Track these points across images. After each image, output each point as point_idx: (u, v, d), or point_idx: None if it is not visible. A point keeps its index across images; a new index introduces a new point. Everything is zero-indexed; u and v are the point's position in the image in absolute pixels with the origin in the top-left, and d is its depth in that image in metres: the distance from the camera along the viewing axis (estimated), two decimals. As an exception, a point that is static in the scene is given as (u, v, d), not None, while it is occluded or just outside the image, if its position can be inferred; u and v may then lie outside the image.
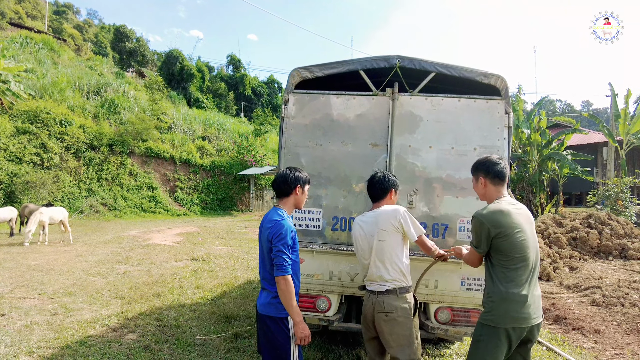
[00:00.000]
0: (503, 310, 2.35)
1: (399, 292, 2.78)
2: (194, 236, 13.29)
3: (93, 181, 19.66)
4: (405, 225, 2.78)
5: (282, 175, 2.73)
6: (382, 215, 2.84)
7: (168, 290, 6.37)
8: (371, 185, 3.00)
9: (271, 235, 2.52)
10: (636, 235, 10.47)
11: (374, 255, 2.83)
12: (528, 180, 17.08)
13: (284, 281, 2.46)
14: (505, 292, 2.36)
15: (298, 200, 2.78)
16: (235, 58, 46.80)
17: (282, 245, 2.49)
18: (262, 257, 2.64)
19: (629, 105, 17.16)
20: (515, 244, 2.37)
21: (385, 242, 2.79)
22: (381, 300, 2.77)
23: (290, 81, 3.77)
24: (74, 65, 27.26)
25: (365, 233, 2.88)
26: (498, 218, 2.39)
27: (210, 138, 28.00)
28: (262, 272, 2.64)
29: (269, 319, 2.57)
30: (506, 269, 2.39)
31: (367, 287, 2.92)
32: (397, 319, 2.73)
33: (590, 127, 32.31)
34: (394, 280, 2.79)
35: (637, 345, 4.71)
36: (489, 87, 3.67)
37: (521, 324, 2.34)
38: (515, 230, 2.37)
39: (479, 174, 2.66)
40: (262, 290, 2.68)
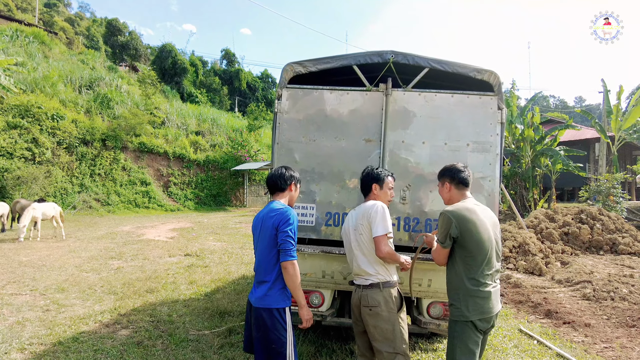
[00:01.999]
0: (471, 304, 2.51)
1: (382, 286, 2.79)
2: (187, 232, 13.26)
3: (86, 176, 19.51)
4: (373, 221, 2.79)
5: (278, 172, 2.84)
6: (362, 209, 2.90)
7: (161, 286, 6.35)
8: (360, 181, 3.10)
9: (277, 221, 2.58)
10: (627, 230, 10.59)
11: (356, 248, 2.87)
12: (521, 175, 17.21)
13: (292, 265, 2.53)
14: (471, 289, 2.51)
15: (292, 197, 2.89)
16: (229, 52, 46.52)
17: (290, 230, 2.56)
18: (262, 248, 2.64)
19: (621, 101, 17.30)
20: (479, 242, 2.51)
21: (364, 236, 2.83)
22: (365, 294, 2.80)
23: (283, 76, 3.75)
24: (66, 59, 26.93)
25: (349, 226, 2.94)
26: (464, 214, 2.54)
27: (204, 133, 27.87)
28: (262, 263, 2.64)
29: (265, 312, 2.56)
30: (470, 266, 2.53)
31: (354, 280, 2.96)
32: (381, 313, 2.74)
33: (583, 123, 32.59)
34: (378, 274, 2.80)
35: (626, 339, 4.78)
36: (482, 82, 3.68)
37: (487, 314, 2.52)
38: (479, 228, 2.52)
39: (444, 179, 2.83)
40: (257, 284, 2.67)
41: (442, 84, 4.16)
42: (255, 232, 2.79)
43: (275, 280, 2.60)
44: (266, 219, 2.66)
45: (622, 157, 24.79)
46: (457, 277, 2.57)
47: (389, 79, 3.70)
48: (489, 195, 3.55)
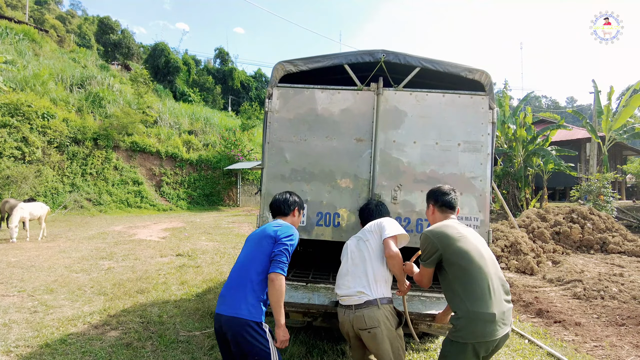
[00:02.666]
0: (471, 329, 2.30)
1: (380, 303, 2.58)
2: (179, 231, 13.17)
3: (77, 176, 19.31)
4: (385, 225, 2.79)
5: (282, 198, 2.90)
6: (368, 225, 2.94)
7: (152, 287, 6.29)
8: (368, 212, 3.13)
9: (280, 233, 2.56)
10: (616, 229, 10.69)
11: (357, 257, 2.77)
12: (513, 175, 17.32)
13: (280, 280, 2.42)
14: (472, 312, 2.30)
15: (294, 222, 2.89)
16: (223, 51, 46.33)
17: (290, 245, 2.53)
18: (252, 257, 2.56)
19: (611, 102, 17.47)
20: (463, 253, 2.39)
21: (370, 242, 2.77)
22: (360, 315, 2.56)
23: (274, 75, 3.73)
24: (57, 57, 26.64)
25: (351, 244, 2.94)
26: (442, 230, 2.50)
27: (197, 132, 27.73)
28: (249, 274, 2.51)
29: (248, 324, 2.42)
30: (467, 285, 2.36)
31: (342, 302, 2.72)
32: (381, 335, 2.54)
33: (575, 123, 32.88)
34: (375, 289, 2.63)
35: (615, 337, 4.81)
36: (473, 82, 3.68)
37: (488, 338, 2.30)
38: (459, 239, 2.43)
39: (429, 201, 2.81)
40: (232, 294, 2.51)
41: (434, 84, 4.16)
42: (249, 241, 2.70)
43: (259, 292, 2.48)
44: (268, 229, 2.62)
45: (613, 157, 25.05)
46: (455, 297, 2.41)
47: (380, 78, 3.70)
48: (480, 195, 3.55)
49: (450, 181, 3.54)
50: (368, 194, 3.62)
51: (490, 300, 2.32)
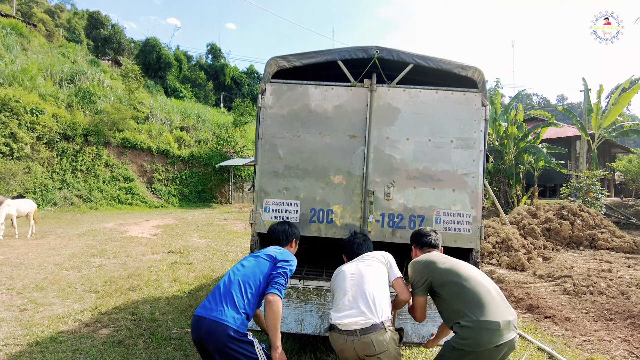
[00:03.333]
0: (477, 337, 2.28)
1: (387, 326, 2.46)
2: (171, 228, 13.09)
3: (67, 172, 19.08)
4: (391, 263, 2.86)
5: (282, 229, 3.05)
6: (377, 253, 2.96)
7: (144, 284, 6.25)
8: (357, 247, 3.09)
9: (281, 256, 2.65)
10: (605, 226, 10.84)
11: (356, 278, 2.68)
12: (505, 172, 17.46)
13: (277, 302, 2.39)
14: (478, 321, 2.28)
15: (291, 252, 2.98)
16: (215, 47, 45.98)
17: (289, 270, 2.60)
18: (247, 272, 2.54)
19: (601, 100, 17.69)
20: (451, 271, 2.53)
21: (372, 267, 2.78)
22: (368, 341, 2.37)
23: (267, 70, 3.71)
24: (45, 52, 26.22)
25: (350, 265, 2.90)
26: (427, 258, 2.71)
27: (189, 128, 27.52)
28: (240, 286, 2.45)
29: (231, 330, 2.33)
30: (462, 295, 2.38)
31: (342, 326, 2.47)
32: (390, 356, 2.43)
33: (565, 120, 33.22)
34: (378, 311, 2.48)
35: (604, 332, 4.88)
36: (466, 79, 3.69)
37: (492, 345, 2.28)
38: (445, 262, 2.63)
39: (412, 244, 3.04)
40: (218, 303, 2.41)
41: (427, 80, 4.17)
42: (245, 258, 2.73)
43: (246, 307, 2.41)
44: (268, 249, 2.73)
45: (602, 154, 25.36)
46: (458, 313, 2.37)
47: (374, 75, 3.69)
48: (472, 191, 3.57)
49: (443, 178, 3.56)
50: (361, 191, 3.62)
51: (492, 307, 2.32)
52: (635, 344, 4.53)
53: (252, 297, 2.43)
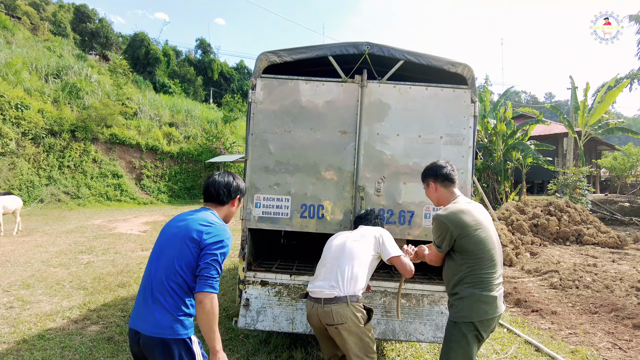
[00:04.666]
0: (475, 308, 2.36)
1: (350, 300, 2.58)
2: (161, 225, 12.97)
3: (54, 168, 18.78)
4: (385, 241, 2.84)
5: (224, 181, 2.27)
6: (365, 229, 2.99)
7: (133, 280, 6.21)
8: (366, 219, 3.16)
9: (207, 238, 2.01)
10: (591, 221, 11.03)
11: (340, 252, 2.78)
12: (493, 169, 17.63)
13: (211, 300, 1.92)
14: (477, 295, 2.37)
15: (231, 214, 2.34)
16: (204, 42, 45.56)
17: (221, 255, 2.01)
18: (169, 264, 2.00)
19: (587, 98, 17.93)
20: (479, 242, 2.38)
21: (359, 243, 2.79)
22: (329, 310, 2.55)
23: (257, 65, 3.69)
24: (30, 46, 25.72)
25: (341, 236, 2.97)
26: (459, 217, 2.40)
27: (178, 124, 27.25)
28: (168, 283, 1.99)
29: (174, 343, 1.96)
30: (475, 270, 2.38)
31: (312, 294, 2.69)
32: (350, 329, 2.55)
33: (552, 118, 33.62)
34: (347, 287, 2.62)
35: (589, 325, 4.99)
36: (456, 76, 3.72)
37: (490, 315, 2.38)
38: (477, 228, 2.39)
39: (428, 179, 2.69)
40: (149, 305, 1.99)
41: (417, 77, 4.20)
42: (164, 237, 2.15)
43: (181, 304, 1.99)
44: (191, 227, 2.06)
45: (588, 151, 25.75)
46: (461, 280, 2.42)
47: (365, 71, 3.70)
48: (462, 187, 3.59)
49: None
50: (352, 187, 3.64)
51: (494, 285, 2.40)
52: (619, 336, 4.64)
53: (183, 294, 1.99)
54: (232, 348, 3.91)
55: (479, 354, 4.00)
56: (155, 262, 2.09)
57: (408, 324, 3.44)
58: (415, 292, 3.54)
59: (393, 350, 4.09)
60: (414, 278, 3.40)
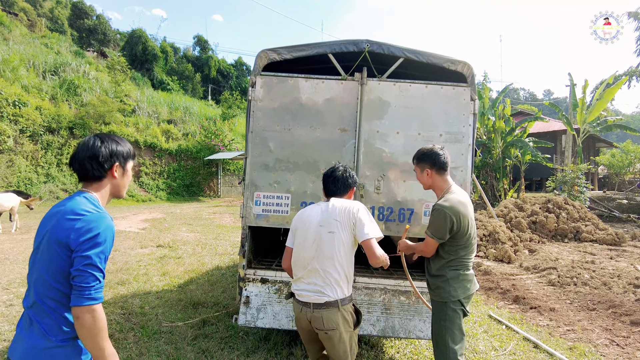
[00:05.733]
0: (460, 287, 2.60)
1: (341, 304, 2.37)
2: (160, 222, 12.98)
3: (52, 166, 18.73)
4: (361, 221, 2.37)
5: (89, 150, 1.71)
6: (340, 205, 2.45)
7: (133, 278, 6.21)
8: (333, 179, 2.59)
9: (75, 236, 1.54)
10: (589, 218, 11.07)
11: (317, 250, 2.40)
12: (492, 166, 17.66)
13: (92, 315, 1.51)
14: (460, 274, 2.61)
15: (118, 186, 1.84)
16: (202, 39, 45.40)
17: (96, 256, 1.54)
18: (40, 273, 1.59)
19: (586, 95, 17.94)
20: (471, 237, 2.63)
21: (336, 235, 2.37)
22: (319, 316, 2.35)
23: (257, 63, 3.69)
24: (28, 42, 25.61)
25: (312, 221, 2.47)
26: (460, 210, 2.53)
27: (176, 121, 27.21)
28: (37, 297, 1.58)
29: None
30: (460, 255, 2.61)
31: (299, 297, 2.45)
32: (341, 336, 2.39)
33: (551, 115, 33.63)
34: (336, 289, 2.37)
35: (586, 322, 5.01)
36: (455, 73, 3.72)
37: (471, 292, 2.65)
38: (471, 222, 2.62)
39: (424, 164, 2.71)
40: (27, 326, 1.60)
41: (417, 75, 4.19)
42: (35, 242, 1.71)
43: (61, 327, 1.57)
44: (57, 227, 1.60)
45: (586, 148, 25.82)
46: (444, 265, 2.62)
47: (364, 68, 3.70)
48: (461, 185, 3.60)
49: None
50: (352, 184, 3.64)
51: (471, 263, 2.67)
52: (616, 332, 4.67)
53: (64, 310, 1.58)
54: (232, 345, 3.92)
55: (477, 351, 4.03)
56: (29, 274, 1.68)
57: (407, 321, 3.46)
58: (415, 289, 3.55)
59: (392, 347, 4.10)
60: (413, 276, 3.41)
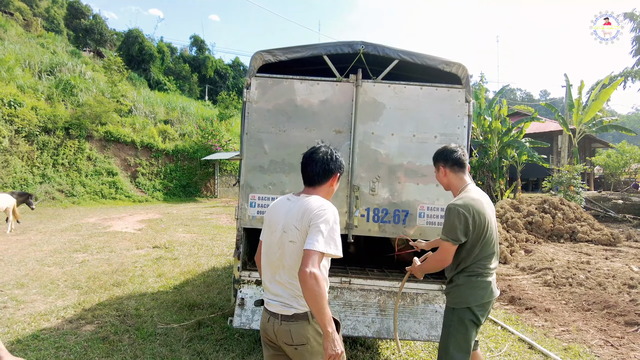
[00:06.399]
0: (471, 294, 2.46)
1: (312, 317, 1.99)
2: (156, 223, 12.95)
3: (48, 166, 18.66)
4: (314, 228, 1.91)
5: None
6: (305, 206, 2.02)
7: (129, 279, 6.19)
8: (311, 162, 2.16)
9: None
10: (585, 219, 11.12)
11: (281, 258, 2.04)
12: (488, 166, 17.70)
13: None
14: (472, 280, 2.46)
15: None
16: (198, 39, 45.35)
17: None
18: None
19: (581, 95, 18.02)
20: (487, 233, 2.44)
21: (297, 245, 1.98)
22: (287, 330, 2.00)
23: (252, 64, 3.68)
24: (23, 42, 25.52)
25: (278, 221, 2.10)
26: (475, 207, 2.40)
27: (173, 122, 27.15)
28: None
29: None
30: (477, 260, 2.46)
31: (267, 305, 2.12)
32: (312, 351, 2.01)
33: (547, 115, 33.76)
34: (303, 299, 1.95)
35: (581, 322, 5.03)
36: (450, 75, 3.73)
37: (486, 299, 2.47)
38: (488, 220, 2.45)
39: (438, 163, 2.69)
40: None
41: (412, 76, 4.20)
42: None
43: None
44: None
45: (582, 149, 25.91)
46: (462, 269, 2.49)
47: (359, 70, 3.70)
48: (456, 186, 3.62)
49: (426, 172, 3.60)
50: (347, 186, 3.64)
51: (490, 270, 2.50)
52: (611, 333, 4.69)
53: None
54: (228, 347, 3.92)
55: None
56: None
57: (403, 322, 3.46)
58: (410, 290, 3.56)
59: (388, 349, 4.11)
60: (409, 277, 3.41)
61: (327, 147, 2.23)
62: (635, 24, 18.95)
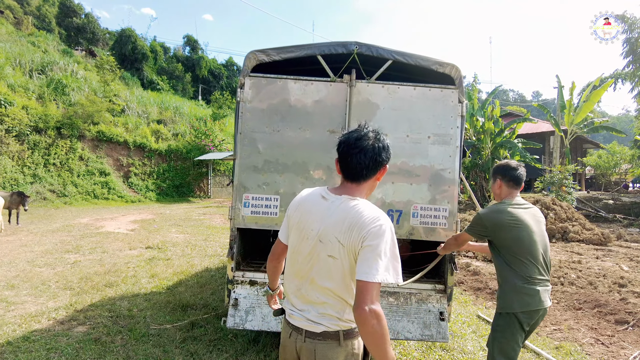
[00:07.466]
0: (516, 299, 2.53)
1: (344, 338, 1.67)
2: (149, 223, 12.87)
3: (39, 166, 18.46)
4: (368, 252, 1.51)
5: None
6: (352, 215, 1.60)
7: (121, 280, 6.15)
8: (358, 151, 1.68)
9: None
10: (576, 219, 11.23)
11: (313, 270, 1.68)
12: (481, 166, 17.83)
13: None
14: (518, 285, 2.54)
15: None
16: (192, 39, 45.15)
17: None
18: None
19: (573, 97, 18.22)
20: (516, 239, 2.57)
21: (338, 262, 1.61)
22: (311, 349, 1.67)
23: (246, 64, 3.68)
24: (14, 40, 25.22)
25: (312, 227, 1.70)
26: (497, 217, 2.64)
27: (166, 121, 26.99)
28: None
29: None
30: (514, 265, 2.57)
31: (290, 317, 1.78)
32: None
33: (540, 116, 34.05)
34: (337, 319, 1.66)
35: (573, 321, 5.09)
36: (443, 76, 3.75)
37: (532, 307, 2.52)
38: (514, 226, 2.57)
39: (497, 176, 2.85)
40: None
41: (405, 77, 4.21)
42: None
43: None
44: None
45: (574, 149, 26.17)
46: (503, 271, 2.63)
47: (353, 70, 3.71)
48: (449, 186, 3.64)
49: (420, 173, 3.62)
50: (341, 186, 3.64)
51: (537, 279, 2.55)
52: (602, 331, 4.74)
53: None
54: (221, 348, 3.91)
55: (465, 351, 4.06)
56: None
57: (396, 322, 3.47)
58: (403, 290, 3.57)
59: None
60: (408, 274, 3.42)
61: (375, 131, 1.76)
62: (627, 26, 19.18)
